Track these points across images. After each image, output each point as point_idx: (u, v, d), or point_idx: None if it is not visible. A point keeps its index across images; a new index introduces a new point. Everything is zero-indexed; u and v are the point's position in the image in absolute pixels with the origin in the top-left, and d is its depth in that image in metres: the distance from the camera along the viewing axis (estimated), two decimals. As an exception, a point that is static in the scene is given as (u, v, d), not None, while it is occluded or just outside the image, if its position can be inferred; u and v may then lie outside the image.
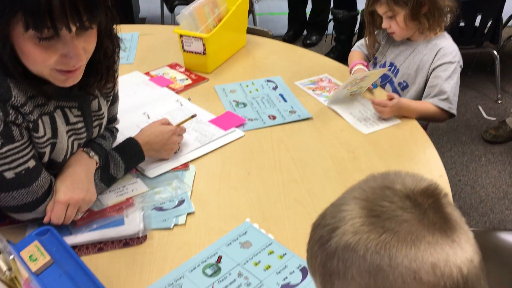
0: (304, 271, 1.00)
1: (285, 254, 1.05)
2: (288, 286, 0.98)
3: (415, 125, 1.49)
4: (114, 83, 1.17)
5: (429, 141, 1.41)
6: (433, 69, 1.59)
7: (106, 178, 1.14)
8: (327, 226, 0.50)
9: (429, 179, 0.52)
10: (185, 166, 1.31)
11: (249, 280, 0.99)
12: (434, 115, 1.56)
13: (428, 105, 1.55)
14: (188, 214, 1.16)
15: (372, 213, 0.48)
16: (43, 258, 0.92)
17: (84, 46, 0.91)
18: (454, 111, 1.56)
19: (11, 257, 0.59)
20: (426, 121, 1.70)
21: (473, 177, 2.45)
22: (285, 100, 1.62)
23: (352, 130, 1.46)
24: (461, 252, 0.46)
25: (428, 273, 0.44)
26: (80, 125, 1.09)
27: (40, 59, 0.87)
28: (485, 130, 2.74)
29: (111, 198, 1.17)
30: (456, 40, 1.64)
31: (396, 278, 0.45)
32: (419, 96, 1.63)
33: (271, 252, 1.05)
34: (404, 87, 1.67)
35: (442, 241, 0.46)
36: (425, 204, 0.48)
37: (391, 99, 1.48)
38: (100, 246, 1.06)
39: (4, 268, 0.61)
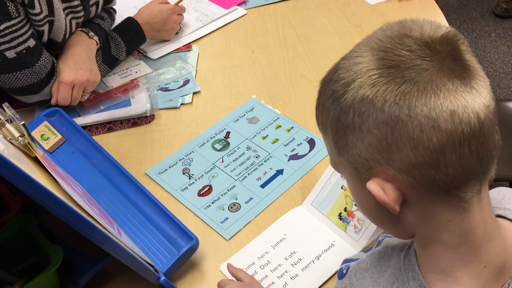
0: (311, 143, 1.02)
1: (292, 127, 1.06)
2: (296, 156, 1.00)
3: (425, -4, 1.42)
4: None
5: (439, 11, 1.35)
6: None
7: (108, 59, 1.13)
8: (341, 80, 0.48)
9: (447, 25, 0.49)
10: (187, 46, 1.28)
11: (258, 152, 1.01)
12: None
13: None
14: (194, 93, 1.16)
15: (390, 64, 0.46)
16: (55, 137, 0.94)
17: None
18: None
19: (22, 122, 0.60)
20: None
21: (481, 53, 2.40)
22: (288, -25, 1.54)
23: (359, 2, 1.40)
24: (479, 98, 0.45)
25: (447, 121, 0.44)
26: (76, 2, 1.05)
27: None
28: (496, 4, 2.63)
29: (115, 80, 1.16)
30: None
31: (414, 127, 0.44)
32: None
33: (279, 126, 1.06)
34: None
35: (461, 88, 0.44)
36: (444, 52, 0.46)
37: None
38: (109, 126, 1.08)
39: (17, 134, 0.61)
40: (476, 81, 0.46)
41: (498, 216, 0.55)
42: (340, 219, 0.84)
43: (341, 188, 0.85)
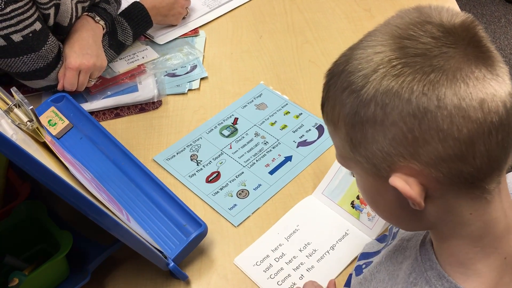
0: (320, 129, 1.01)
1: (301, 114, 1.05)
2: (304, 143, 0.99)
3: (435, -20, 1.39)
4: None
5: (450, -4, 1.33)
6: None
7: (115, 44, 1.12)
8: (359, 72, 0.45)
9: (463, 12, 0.47)
10: (195, 32, 1.27)
11: (266, 139, 1.00)
12: None
13: None
14: (202, 79, 1.14)
15: (415, 52, 0.43)
16: (62, 123, 0.93)
17: None
18: None
19: (31, 107, 0.59)
20: None
21: (491, 39, 2.37)
22: (296, -42, 1.51)
23: (369, -13, 1.38)
24: (504, 86, 0.44)
25: (477, 110, 0.42)
26: (82, -14, 1.04)
27: None
28: (507, -11, 2.59)
29: (122, 65, 1.15)
30: None
31: (444, 118, 0.42)
32: None
33: (287, 113, 1.05)
34: None
35: (489, 76, 0.43)
36: (466, 39, 0.44)
37: None
38: (116, 111, 1.07)
39: (25, 119, 0.61)
40: (500, 68, 0.44)
41: None
42: (353, 207, 0.83)
43: (353, 175, 0.84)
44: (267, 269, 0.79)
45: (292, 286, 0.77)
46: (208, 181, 0.93)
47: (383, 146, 0.45)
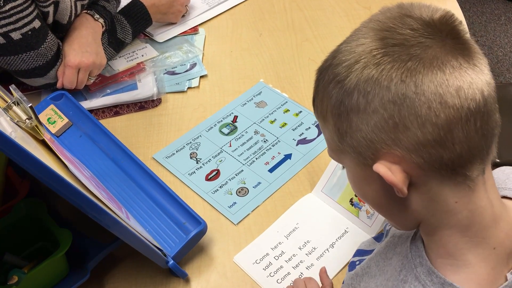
0: (319, 127, 1.01)
1: (300, 111, 1.05)
2: (304, 141, 0.99)
3: (435, -22, 1.39)
4: None
5: (450, -7, 1.33)
6: None
7: (114, 42, 1.11)
8: (343, 63, 0.48)
9: (442, 8, 0.50)
10: (194, 30, 1.27)
11: (266, 137, 1.00)
12: None
13: None
14: (201, 77, 1.14)
15: (394, 42, 0.46)
16: (62, 121, 0.93)
17: None
18: None
19: (29, 105, 0.59)
20: None
21: (491, 37, 2.37)
22: (296, -44, 1.51)
23: (369, -16, 1.37)
24: (482, 75, 0.46)
25: (453, 97, 0.44)
26: (81, -17, 1.04)
27: None
28: (507, -13, 2.58)
29: (121, 63, 1.15)
30: None
31: (422, 104, 0.44)
32: None
33: (287, 111, 1.05)
34: None
35: (465, 65, 0.45)
36: (444, 31, 0.46)
37: None
38: (116, 110, 1.07)
39: (24, 117, 0.61)
40: (477, 59, 0.46)
41: (504, 197, 0.54)
42: (352, 204, 0.83)
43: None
44: (266, 267, 0.79)
45: (292, 284, 0.77)
46: (208, 179, 0.93)
47: (366, 133, 0.47)
